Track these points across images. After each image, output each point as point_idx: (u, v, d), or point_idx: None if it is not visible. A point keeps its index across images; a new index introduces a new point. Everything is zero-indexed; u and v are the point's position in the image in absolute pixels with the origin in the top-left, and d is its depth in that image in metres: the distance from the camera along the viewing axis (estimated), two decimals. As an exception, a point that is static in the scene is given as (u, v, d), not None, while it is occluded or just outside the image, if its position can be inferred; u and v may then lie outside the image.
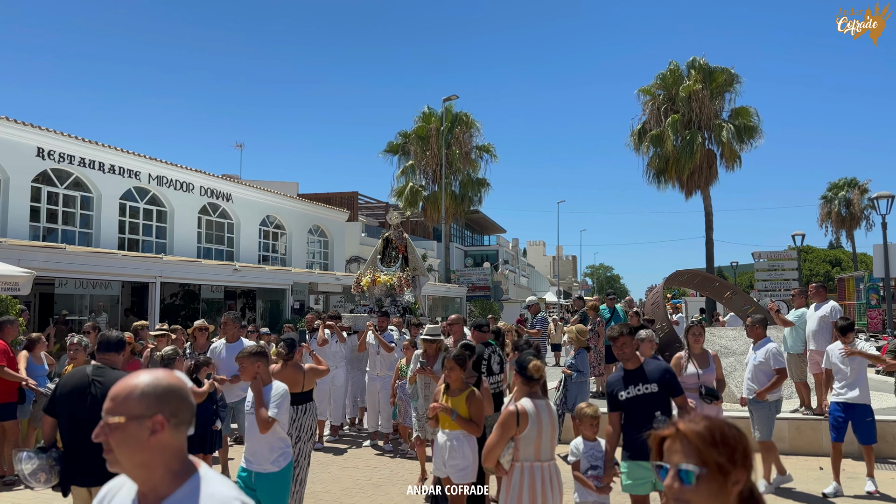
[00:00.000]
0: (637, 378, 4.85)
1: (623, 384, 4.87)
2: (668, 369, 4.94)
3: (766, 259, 25.31)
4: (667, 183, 30.04)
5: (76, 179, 17.60)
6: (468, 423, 5.22)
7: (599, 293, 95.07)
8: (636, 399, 4.79)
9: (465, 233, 53.91)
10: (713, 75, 29.27)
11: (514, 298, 47.46)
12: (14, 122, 15.53)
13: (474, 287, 38.35)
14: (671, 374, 4.91)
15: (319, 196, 35.38)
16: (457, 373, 5.31)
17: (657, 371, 4.86)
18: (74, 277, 13.71)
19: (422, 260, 14.72)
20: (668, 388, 4.84)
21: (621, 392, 4.84)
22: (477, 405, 5.22)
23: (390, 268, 13.68)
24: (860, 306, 23.88)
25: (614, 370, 12.71)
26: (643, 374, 4.86)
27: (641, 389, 4.79)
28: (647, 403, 4.76)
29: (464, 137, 33.25)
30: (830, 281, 42.75)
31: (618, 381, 4.92)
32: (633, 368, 4.90)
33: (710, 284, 14.73)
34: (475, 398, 5.25)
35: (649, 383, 4.81)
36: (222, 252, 22.76)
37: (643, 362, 4.99)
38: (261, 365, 4.84)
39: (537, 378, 4.33)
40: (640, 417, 4.71)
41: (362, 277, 13.43)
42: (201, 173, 21.54)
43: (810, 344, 9.09)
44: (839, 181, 47.98)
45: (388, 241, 13.96)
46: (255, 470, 4.73)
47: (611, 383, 4.97)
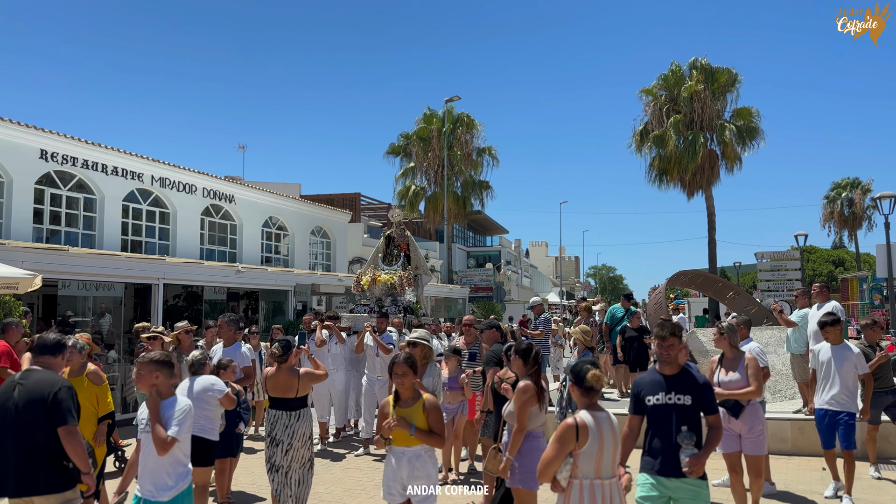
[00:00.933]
0: (672, 385, 4.38)
1: (653, 388, 4.42)
2: (707, 383, 4.46)
3: (768, 259, 25.26)
4: (669, 183, 30.05)
5: (79, 181, 17.65)
6: (431, 435, 4.61)
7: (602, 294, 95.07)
8: (664, 408, 4.34)
9: (467, 233, 53.95)
10: (715, 75, 29.28)
11: (516, 299, 47.49)
12: (18, 124, 15.58)
13: (477, 288, 38.38)
14: (709, 390, 4.42)
15: (322, 197, 35.42)
16: (409, 379, 4.67)
17: (695, 382, 4.39)
18: (77, 279, 13.74)
19: (424, 258, 14.35)
20: (702, 402, 4.35)
21: (649, 396, 4.39)
22: (436, 414, 4.62)
23: (392, 266, 13.32)
24: (863, 306, 23.87)
25: (622, 372, 12.43)
26: (679, 383, 4.38)
27: (673, 399, 4.33)
28: (675, 415, 4.31)
29: (465, 139, 33.28)
30: (834, 281, 42.66)
31: (649, 384, 4.47)
32: (671, 374, 4.43)
33: (713, 285, 14.73)
34: (432, 405, 4.64)
35: (683, 394, 4.35)
36: (225, 253, 22.80)
37: (684, 368, 4.50)
38: (160, 375, 4.30)
39: (597, 388, 3.98)
40: (664, 429, 4.31)
41: (362, 276, 13.07)
42: (204, 175, 21.58)
43: (812, 344, 9.08)
44: (842, 181, 47.95)
45: (390, 238, 13.61)
46: (148, 499, 4.20)
47: (639, 384, 4.52)
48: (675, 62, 30.25)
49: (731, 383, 6.03)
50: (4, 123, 15.30)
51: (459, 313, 34.21)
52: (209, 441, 5.97)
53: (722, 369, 6.15)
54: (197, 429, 5.35)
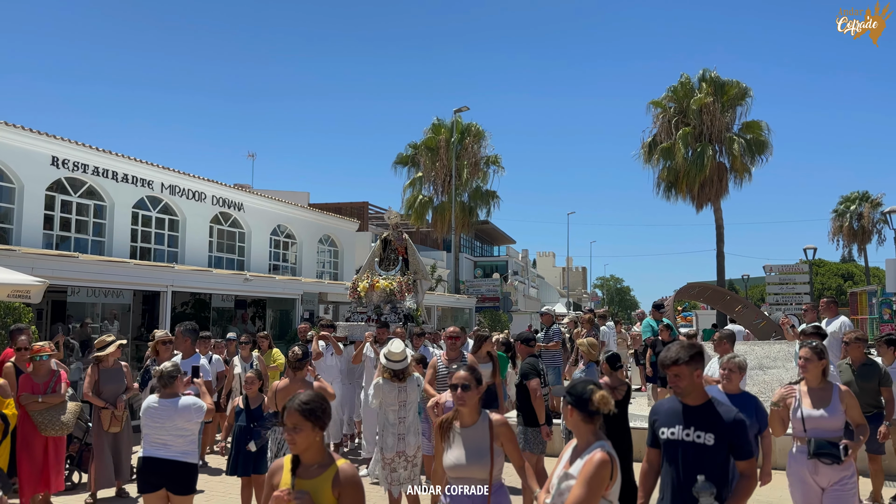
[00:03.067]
0: (691, 418, 3.60)
1: (669, 418, 3.67)
2: (738, 420, 3.56)
3: (777, 272, 25.17)
4: (677, 195, 30.03)
5: (90, 188, 17.76)
6: None
7: (609, 305, 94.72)
8: (679, 445, 3.59)
9: (474, 243, 53.92)
10: (724, 88, 29.28)
11: (523, 310, 47.37)
12: (30, 130, 15.71)
13: (483, 298, 38.30)
14: (741, 428, 3.55)
15: (330, 206, 35.54)
16: (305, 434, 3.07)
17: (722, 418, 3.54)
18: (87, 286, 13.80)
19: (423, 262, 13.47)
20: (729, 444, 3.51)
21: (663, 428, 3.68)
22: (354, 493, 3.05)
23: (389, 271, 12.52)
24: (873, 321, 23.69)
25: (653, 390, 11.48)
26: (701, 417, 3.58)
27: (691, 435, 3.56)
28: (692, 456, 3.53)
29: (473, 148, 33.37)
30: (843, 295, 42.43)
31: (666, 413, 3.73)
32: (694, 405, 3.63)
33: (721, 298, 14.68)
34: (349, 480, 3.05)
35: (704, 431, 3.53)
36: (233, 261, 22.87)
37: (710, 400, 3.65)
38: None
39: (605, 412, 3.32)
40: (678, 472, 3.57)
41: (359, 282, 12.21)
42: (213, 183, 21.68)
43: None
44: (851, 195, 47.78)
45: (386, 242, 12.77)
46: None
47: (656, 411, 3.82)
48: (685, 74, 30.32)
49: (821, 420, 4.79)
50: (17, 130, 15.43)
51: (466, 323, 34.19)
52: (191, 465, 5.28)
53: (807, 401, 4.91)
54: (178, 453, 5.11)
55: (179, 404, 5.17)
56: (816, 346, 4.98)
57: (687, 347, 3.63)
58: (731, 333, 7.30)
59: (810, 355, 4.92)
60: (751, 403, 5.12)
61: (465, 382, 3.93)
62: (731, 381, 5.21)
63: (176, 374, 5.27)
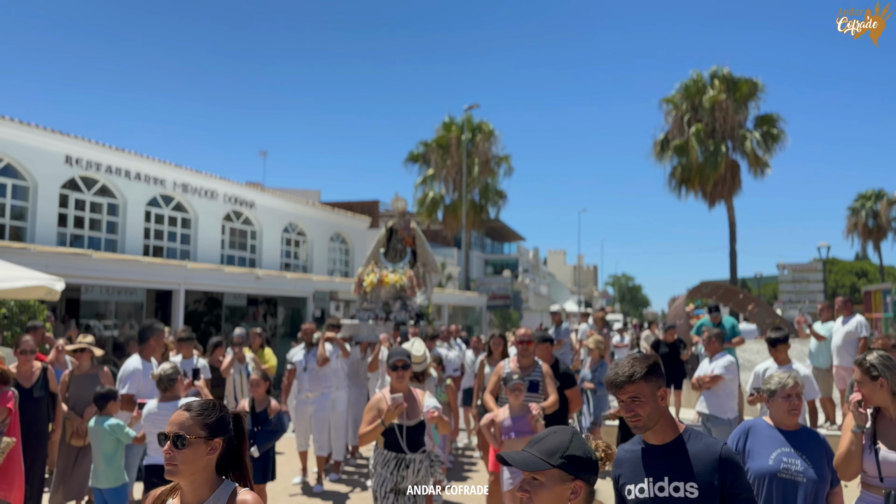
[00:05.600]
0: (663, 465, 2.54)
1: (633, 471, 2.60)
2: (726, 458, 2.51)
3: (790, 270, 25.02)
4: (689, 193, 29.89)
5: (103, 186, 17.88)
6: None
7: (621, 303, 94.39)
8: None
9: (485, 241, 53.88)
10: (737, 85, 29.10)
11: (533, 307, 47.30)
12: (44, 129, 15.84)
13: (494, 296, 38.27)
14: (733, 469, 2.51)
15: (341, 204, 35.64)
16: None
17: (704, 460, 2.50)
18: (101, 283, 13.89)
19: (432, 253, 12.16)
20: (722, 497, 2.49)
21: (629, 486, 2.59)
22: None
23: (396, 264, 11.39)
24: (887, 319, 23.47)
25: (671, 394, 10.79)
26: (677, 461, 2.53)
27: (667, 489, 2.49)
28: None
29: (484, 147, 33.39)
30: (857, 293, 42.08)
31: (629, 463, 2.64)
32: (661, 444, 2.59)
33: (734, 297, 14.60)
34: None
35: (684, 481, 2.48)
36: (245, 259, 22.97)
37: (682, 434, 2.59)
38: None
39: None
40: None
41: (364, 276, 10.89)
42: (225, 181, 21.77)
43: (835, 359, 8.95)
44: (867, 192, 47.41)
45: (392, 231, 11.52)
46: None
47: (619, 463, 2.68)
48: (696, 71, 30.13)
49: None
50: (31, 129, 15.55)
51: (477, 321, 34.17)
52: None
53: (883, 438, 3.33)
54: None
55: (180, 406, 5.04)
56: (864, 361, 3.43)
57: (640, 359, 2.59)
58: (720, 332, 7.15)
59: (861, 376, 3.40)
60: (818, 445, 3.40)
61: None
62: (796, 413, 3.45)
63: (175, 377, 5.06)
